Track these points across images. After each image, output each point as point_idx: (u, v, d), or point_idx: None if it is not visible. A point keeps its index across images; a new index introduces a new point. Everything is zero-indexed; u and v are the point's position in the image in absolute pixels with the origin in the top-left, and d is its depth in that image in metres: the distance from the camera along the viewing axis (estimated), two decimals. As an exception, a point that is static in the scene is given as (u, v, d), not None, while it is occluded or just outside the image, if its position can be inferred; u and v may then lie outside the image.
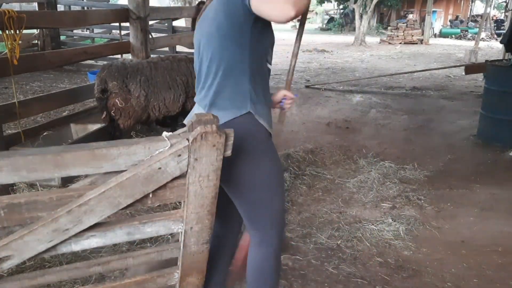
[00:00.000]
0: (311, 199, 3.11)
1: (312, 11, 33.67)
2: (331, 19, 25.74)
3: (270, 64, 1.54)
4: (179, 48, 7.74)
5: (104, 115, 3.42)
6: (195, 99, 1.54)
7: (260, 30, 1.39)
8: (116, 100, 3.33)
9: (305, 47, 14.50)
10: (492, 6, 21.10)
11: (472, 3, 23.47)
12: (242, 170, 1.42)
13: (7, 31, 2.72)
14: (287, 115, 2.64)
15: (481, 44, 15.21)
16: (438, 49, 14.92)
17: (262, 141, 1.45)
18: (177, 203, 1.98)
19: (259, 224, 1.54)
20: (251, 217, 1.54)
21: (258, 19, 1.34)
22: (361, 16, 16.36)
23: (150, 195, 1.14)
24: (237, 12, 1.33)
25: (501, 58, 7.94)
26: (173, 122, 4.10)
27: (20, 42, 2.79)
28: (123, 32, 5.52)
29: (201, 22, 1.49)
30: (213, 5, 1.42)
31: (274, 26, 1.48)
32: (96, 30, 10.08)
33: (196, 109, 1.51)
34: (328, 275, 2.20)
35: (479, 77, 7.89)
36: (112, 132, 3.51)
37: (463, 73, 7.30)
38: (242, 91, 1.42)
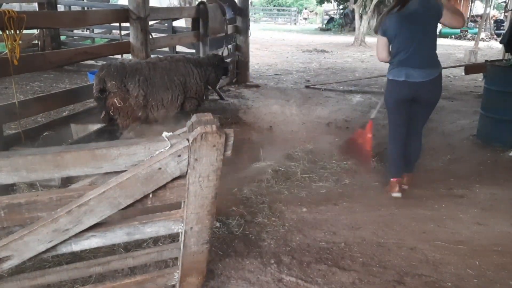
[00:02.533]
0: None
1: (312, 11, 33.70)
2: (331, 19, 25.73)
3: None
4: (179, 48, 7.74)
5: (103, 115, 3.42)
6: (405, 63, 2.93)
7: None
8: (115, 100, 3.33)
9: (305, 47, 14.50)
10: (492, 6, 21.09)
11: (471, 3, 23.46)
12: (438, 95, 3.04)
13: (7, 31, 2.72)
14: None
15: (481, 44, 15.20)
16: (438, 49, 14.87)
17: None
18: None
19: (424, 124, 3.23)
20: (425, 121, 3.22)
21: None
22: (361, 17, 16.36)
23: (150, 195, 1.15)
24: (438, 19, 2.88)
25: (500, 58, 7.94)
26: (173, 122, 4.11)
27: (20, 42, 2.79)
28: (123, 32, 5.51)
29: (412, 20, 2.84)
30: (422, 13, 2.81)
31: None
32: (96, 30, 10.07)
33: (412, 71, 2.90)
34: (332, 275, 2.20)
35: (479, 77, 7.88)
36: (112, 132, 3.51)
37: (463, 73, 7.30)
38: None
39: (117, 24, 5.06)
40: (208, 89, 4.44)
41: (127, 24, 4.41)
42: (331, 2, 24.79)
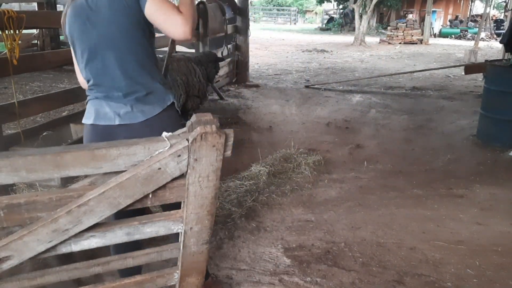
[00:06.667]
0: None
1: (312, 11, 33.70)
2: (331, 19, 25.74)
3: None
4: (178, 48, 7.73)
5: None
6: (95, 89, 1.64)
7: None
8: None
9: (305, 47, 14.50)
10: (492, 6, 21.10)
11: (471, 3, 23.47)
12: None
13: (6, 31, 2.71)
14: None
15: (481, 44, 15.21)
16: (438, 49, 14.92)
17: None
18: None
19: None
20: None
21: None
22: (360, 16, 16.36)
23: (150, 196, 1.14)
24: (138, 11, 1.47)
25: (500, 58, 7.95)
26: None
27: (19, 42, 2.79)
28: (122, 32, 5.50)
29: (89, 13, 1.51)
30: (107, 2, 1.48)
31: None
32: (95, 30, 10.07)
33: (104, 104, 1.62)
34: (334, 275, 2.20)
35: (479, 77, 7.88)
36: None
37: (463, 73, 7.29)
38: None
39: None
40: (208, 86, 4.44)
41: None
42: (331, 2, 24.79)
